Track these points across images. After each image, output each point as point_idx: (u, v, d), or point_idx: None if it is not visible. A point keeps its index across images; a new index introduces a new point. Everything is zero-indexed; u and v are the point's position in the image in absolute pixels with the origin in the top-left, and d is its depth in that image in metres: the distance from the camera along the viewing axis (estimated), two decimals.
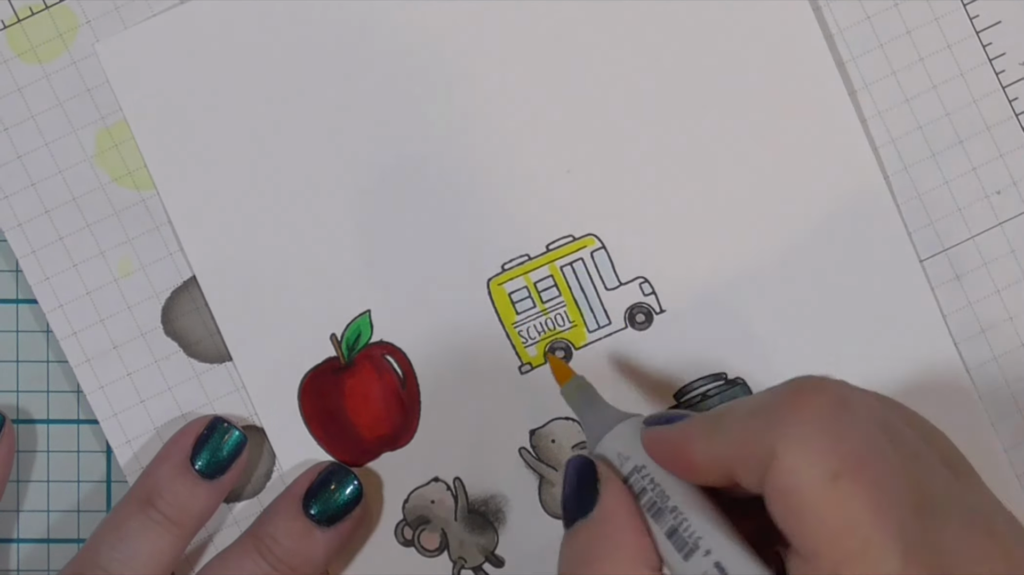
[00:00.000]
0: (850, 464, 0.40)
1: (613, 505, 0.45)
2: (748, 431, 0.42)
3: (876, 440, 0.41)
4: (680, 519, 0.43)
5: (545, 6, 0.53)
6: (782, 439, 0.40)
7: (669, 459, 0.44)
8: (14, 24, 0.54)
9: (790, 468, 0.40)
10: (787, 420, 0.41)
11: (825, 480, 0.40)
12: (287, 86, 0.53)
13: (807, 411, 0.41)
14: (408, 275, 0.53)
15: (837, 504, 0.39)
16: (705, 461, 0.43)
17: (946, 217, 0.53)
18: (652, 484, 0.44)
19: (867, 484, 0.40)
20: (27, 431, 0.55)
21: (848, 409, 0.41)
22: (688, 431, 0.44)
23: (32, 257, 0.54)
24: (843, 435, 0.40)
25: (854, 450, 0.40)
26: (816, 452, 0.40)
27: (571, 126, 0.53)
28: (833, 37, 0.53)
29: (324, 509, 0.51)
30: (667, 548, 0.43)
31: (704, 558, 0.42)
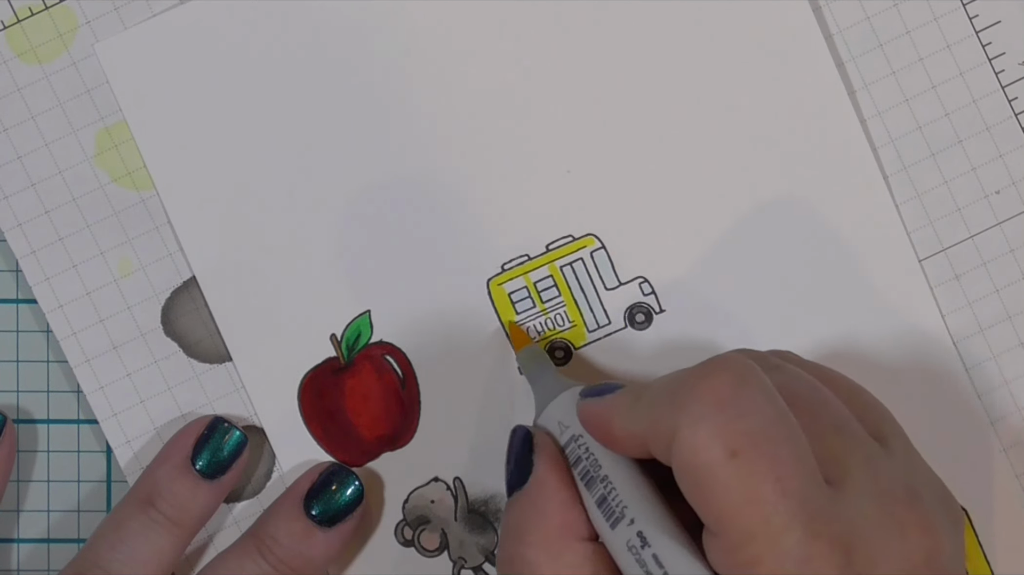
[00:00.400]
0: (748, 440, 0.40)
1: (545, 475, 0.46)
2: (657, 408, 0.42)
3: (779, 414, 0.41)
4: (609, 488, 0.44)
5: (545, 6, 0.53)
6: (683, 418, 0.41)
7: (595, 430, 0.45)
8: (14, 24, 0.54)
9: (690, 447, 0.41)
10: (689, 398, 0.41)
11: (724, 457, 0.40)
12: (287, 86, 0.53)
13: (708, 389, 0.41)
14: (408, 275, 0.53)
15: (736, 481, 0.40)
16: (623, 435, 0.44)
17: (945, 217, 0.53)
18: (587, 453, 0.45)
19: (766, 459, 0.40)
20: (27, 431, 0.55)
21: (750, 384, 0.41)
22: (612, 404, 0.45)
23: (32, 257, 0.54)
24: (743, 412, 0.41)
25: (753, 426, 0.40)
26: (714, 430, 0.40)
27: (571, 126, 0.53)
28: (833, 37, 0.53)
29: (325, 510, 0.52)
30: (597, 516, 0.44)
31: (628, 527, 0.43)
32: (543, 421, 0.48)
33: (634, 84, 0.53)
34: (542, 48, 0.53)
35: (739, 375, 0.42)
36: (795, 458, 0.40)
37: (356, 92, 0.53)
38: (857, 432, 0.43)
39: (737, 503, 0.40)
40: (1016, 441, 0.53)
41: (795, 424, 0.41)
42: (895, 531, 0.40)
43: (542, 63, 0.53)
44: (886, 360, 0.53)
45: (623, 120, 0.53)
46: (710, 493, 0.40)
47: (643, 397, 0.43)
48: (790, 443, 0.41)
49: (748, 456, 0.40)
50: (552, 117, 0.53)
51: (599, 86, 0.53)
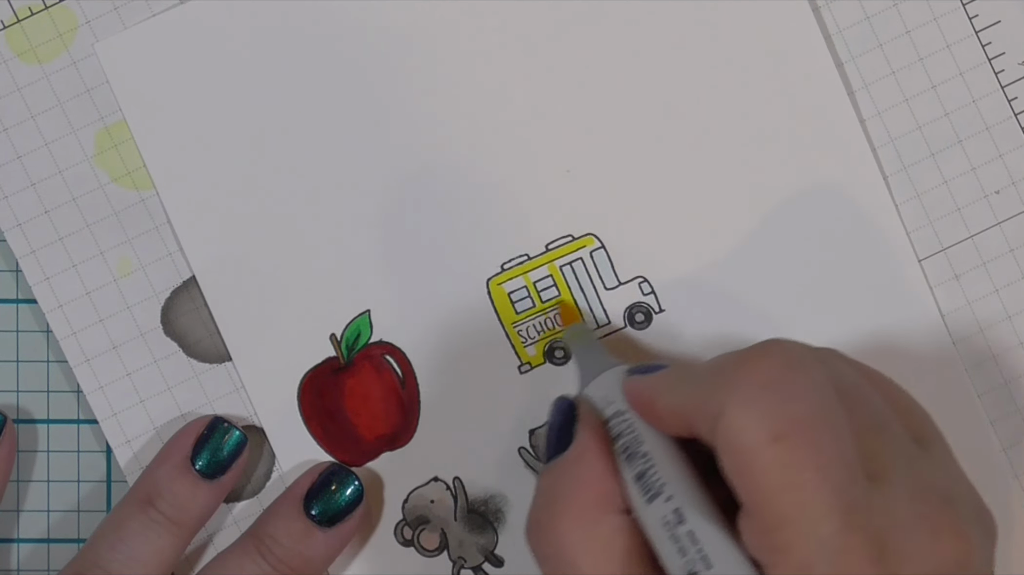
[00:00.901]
0: (794, 426, 0.40)
1: (587, 445, 0.46)
2: (705, 387, 0.42)
3: (826, 403, 0.41)
4: (649, 464, 0.44)
5: (545, 6, 0.53)
6: (731, 397, 0.41)
7: (640, 406, 0.45)
8: (14, 24, 0.54)
9: (735, 426, 0.40)
10: (738, 379, 0.41)
11: (768, 440, 0.40)
12: (286, 86, 0.53)
13: (758, 371, 0.41)
14: (408, 275, 0.53)
15: (778, 465, 0.40)
16: (667, 412, 0.44)
17: (945, 217, 0.53)
18: (629, 429, 0.45)
19: (810, 447, 0.40)
20: (27, 431, 0.55)
21: (801, 370, 0.42)
22: (658, 382, 0.45)
23: (32, 257, 0.54)
24: (791, 396, 0.41)
25: (800, 412, 0.40)
26: (761, 412, 0.40)
27: (570, 126, 0.53)
28: (832, 37, 0.53)
29: (325, 510, 0.52)
30: (634, 491, 0.44)
31: (665, 503, 0.43)
32: (588, 394, 0.48)
33: (634, 84, 0.53)
34: (542, 48, 0.53)
35: (790, 360, 0.42)
36: (838, 449, 0.40)
37: (356, 92, 0.53)
38: (898, 432, 0.43)
39: (776, 487, 0.40)
40: (1016, 441, 0.53)
41: (841, 415, 0.41)
42: (929, 533, 0.40)
43: (542, 63, 0.53)
44: (886, 360, 0.53)
45: (623, 120, 0.53)
46: (750, 474, 0.40)
47: (690, 375, 0.44)
48: (835, 433, 0.40)
49: (792, 442, 0.40)
50: (552, 117, 0.53)
51: (599, 86, 0.53)
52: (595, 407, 0.47)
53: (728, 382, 0.41)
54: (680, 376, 0.44)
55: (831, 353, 0.46)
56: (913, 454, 0.43)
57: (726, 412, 0.41)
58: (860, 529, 0.39)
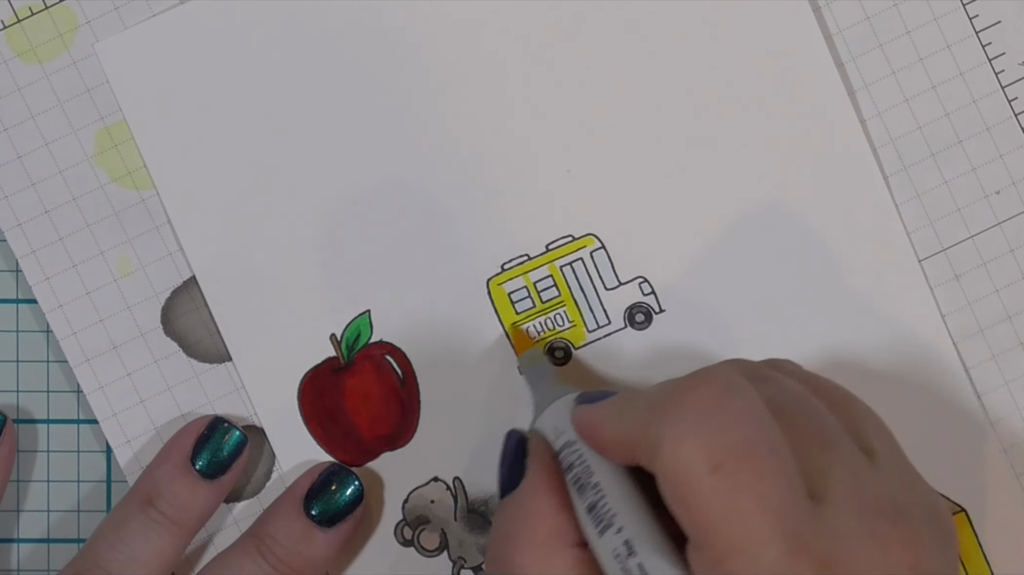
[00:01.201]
0: (731, 454, 0.40)
1: (537, 479, 0.46)
2: (644, 417, 0.42)
3: (763, 428, 0.41)
4: (599, 495, 0.44)
5: (545, 6, 0.53)
6: (668, 428, 0.41)
7: (587, 437, 0.45)
8: (14, 24, 0.54)
9: (673, 457, 0.40)
10: (674, 409, 0.41)
11: (706, 471, 0.40)
12: (287, 86, 0.53)
13: (693, 401, 0.41)
14: (408, 275, 0.53)
15: (718, 495, 0.40)
16: (612, 442, 0.44)
17: (945, 217, 0.53)
18: (580, 460, 0.45)
19: (749, 474, 0.40)
20: (27, 431, 0.55)
21: (735, 397, 0.41)
22: (603, 410, 0.44)
23: (32, 257, 0.54)
24: (726, 426, 0.40)
25: (736, 440, 0.40)
26: (696, 443, 0.40)
27: (571, 126, 0.53)
28: (833, 37, 0.53)
29: (325, 510, 0.52)
30: (586, 523, 0.44)
31: (615, 535, 0.42)
32: (539, 426, 0.48)
33: (634, 84, 0.53)
34: (542, 48, 0.53)
35: (725, 388, 0.41)
36: (777, 473, 0.40)
37: (356, 92, 0.53)
38: (844, 445, 0.42)
39: (718, 517, 0.39)
40: (1016, 441, 0.53)
41: (779, 438, 0.41)
42: (877, 547, 0.40)
43: (542, 63, 0.53)
44: (885, 360, 0.53)
45: (623, 120, 0.53)
46: (692, 506, 0.40)
47: (632, 405, 0.43)
48: (773, 458, 0.40)
49: (730, 470, 0.40)
50: (552, 117, 0.53)
51: (599, 86, 0.53)
52: (547, 438, 0.47)
53: (664, 413, 0.41)
54: (623, 406, 0.44)
55: (776, 365, 0.46)
56: (860, 467, 0.42)
57: (663, 443, 0.41)
58: (805, 552, 0.39)
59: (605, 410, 0.44)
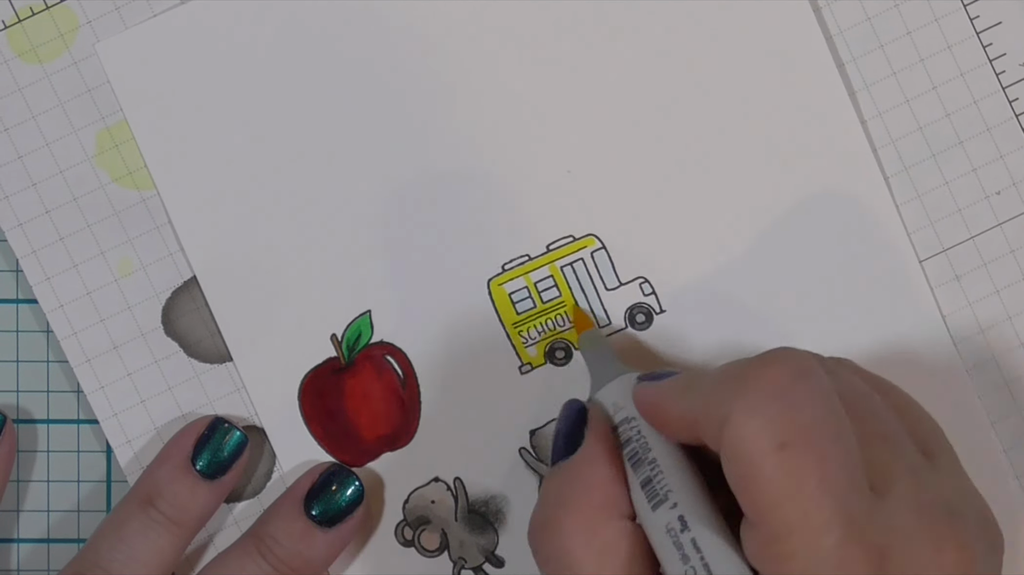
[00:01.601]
0: (800, 435, 0.40)
1: (595, 449, 0.46)
2: (711, 394, 0.42)
3: (832, 413, 0.41)
4: (656, 471, 0.44)
5: (545, 7, 0.53)
6: (736, 405, 0.41)
7: (648, 413, 0.45)
8: (15, 24, 0.54)
9: (740, 434, 0.40)
10: (745, 386, 0.41)
11: (772, 448, 0.40)
12: (287, 86, 0.53)
13: (765, 379, 0.41)
14: (408, 275, 0.53)
15: (782, 474, 0.40)
16: (675, 418, 0.44)
17: (946, 218, 0.53)
18: (638, 435, 0.45)
19: (814, 456, 0.40)
20: (27, 431, 0.55)
21: (808, 380, 0.41)
22: (667, 388, 0.45)
23: (33, 257, 0.54)
24: (797, 405, 0.41)
25: (806, 421, 0.40)
26: (766, 420, 0.40)
27: (571, 126, 0.53)
28: (833, 38, 0.53)
29: (325, 510, 0.52)
30: (639, 497, 0.44)
31: (670, 510, 0.43)
32: (600, 398, 0.48)
33: (635, 85, 0.53)
34: (543, 49, 0.53)
35: (798, 368, 0.42)
36: (843, 459, 0.40)
37: (356, 93, 0.53)
38: (905, 444, 0.43)
39: (779, 496, 0.40)
40: (1016, 442, 0.53)
41: (847, 426, 0.41)
42: (931, 545, 0.40)
43: (542, 63, 0.53)
44: (886, 360, 0.53)
45: (623, 120, 0.53)
46: (754, 482, 0.40)
47: (698, 382, 0.44)
48: (840, 443, 0.40)
49: (797, 450, 0.40)
50: (553, 117, 0.53)
51: (599, 86, 0.53)
52: (604, 412, 0.47)
53: (734, 390, 0.41)
54: (688, 383, 0.44)
55: (840, 363, 0.46)
56: (919, 466, 0.42)
57: (731, 419, 0.41)
58: (861, 540, 0.39)
59: (669, 387, 0.45)
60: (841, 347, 0.53)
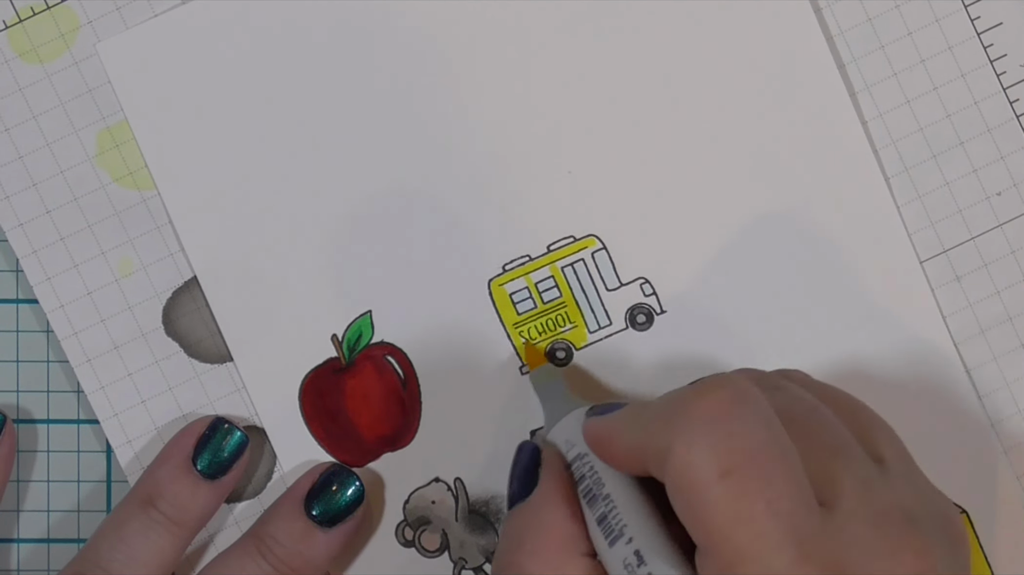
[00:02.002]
0: (741, 460, 0.40)
1: (550, 490, 0.46)
2: (654, 425, 0.42)
3: (773, 435, 0.41)
4: (610, 506, 0.44)
5: (545, 7, 0.53)
6: (677, 435, 0.41)
7: (598, 448, 0.45)
8: (15, 24, 0.54)
9: (682, 464, 0.40)
10: (684, 417, 0.41)
11: (715, 477, 0.40)
12: (288, 86, 0.53)
13: (703, 408, 0.41)
14: (409, 276, 0.53)
15: (727, 501, 0.40)
16: (622, 452, 0.44)
17: (947, 218, 0.54)
18: (591, 471, 0.46)
19: (758, 480, 0.40)
20: (27, 431, 0.55)
21: (745, 404, 0.41)
22: (614, 422, 0.45)
23: (33, 257, 0.54)
24: (736, 432, 0.40)
25: (746, 446, 0.40)
26: (706, 448, 0.40)
27: (572, 127, 0.53)
28: (834, 38, 0.53)
29: (326, 510, 0.52)
30: (596, 534, 0.44)
31: (626, 546, 0.43)
32: (551, 438, 0.48)
33: (635, 85, 0.53)
34: (543, 49, 0.53)
35: (735, 395, 0.41)
36: (787, 479, 0.40)
37: (358, 93, 0.53)
38: (855, 453, 0.43)
39: (727, 523, 0.39)
40: (1017, 442, 0.53)
41: (790, 445, 0.41)
42: (887, 555, 0.40)
43: (543, 64, 0.53)
44: (886, 361, 0.53)
45: (624, 121, 0.53)
46: (701, 512, 0.40)
47: (642, 414, 0.43)
48: (783, 464, 0.40)
49: (740, 476, 0.40)
50: (553, 118, 0.53)
51: (600, 87, 0.53)
52: (558, 451, 0.48)
53: (675, 420, 0.41)
54: (633, 416, 0.44)
55: (787, 375, 0.46)
56: (871, 475, 0.42)
57: (672, 451, 0.41)
58: (815, 558, 0.39)
59: (615, 421, 0.44)
60: (841, 347, 0.53)
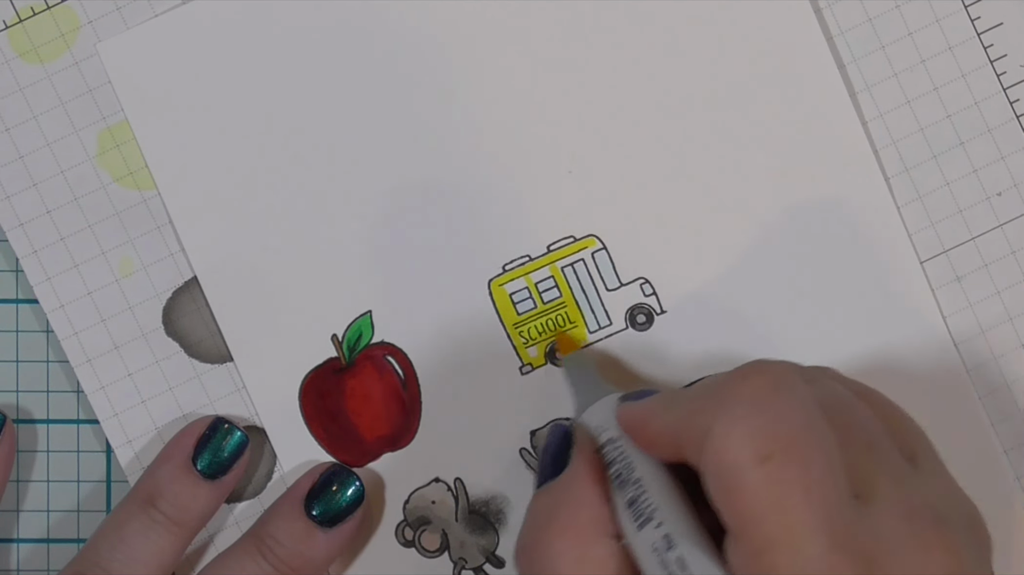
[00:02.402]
0: (781, 446, 0.40)
1: (581, 470, 0.46)
2: (691, 410, 0.42)
3: (814, 423, 0.41)
4: (640, 490, 0.44)
5: (546, 7, 0.53)
6: (717, 419, 0.41)
7: (632, 431, 0.45)
8: (16, 24, 0.54)
9: (721, 447, 0.40)
10: (724, 400, 0.41)
11: (754, 461, 0.40)
12: (289, 87, 0.53)
13: (744, 391, 0.41)
14: (409, 276, 0.53)
15: (764, 486, 0.40)
16: (658, 435, 0.44)
17: (947, 219, 0.54)
18: (622, 456, 0.45)
19: (797, 467, 0.40)
20: (27, 431, 0.55)
21: (787, 391, 0.41)
22: (649, 406, 0.45)
23: (34, 257, 0.54)
24: (778, 417, 0.40)
25: (787, 432, 0.40)
26: (747, 432, 0.40)
27: (572, 127, 0.53)
28: (834, 39, 0.53)
29: (326, 510, 0.52)
30: (625, 517, 0.44)
31: (655, 529, 0.43)
32: (584, 420, 0.48)
33: (636, 86, 0.53)
34: (544, 49, 0.53)
35: (778, 380, 0.42)
36: (826, 469, 0.40)
37: (359, 93, 0.53)
38: (889, 450, 0.43)
39: (762, 508, 0.39)
40: (1017, 443, 0.53)
41: (829, 435, 0.41)
42: (919, 551, 0.40)
43: (544, 64, 0.53)
44: (887, 361, 0.53)
45: (624, 121, 0.53)
46: (737, 496, 0.40)
47: (679, 399, 0.44)
48: (822, 453, 0.40)
49: (779, 462, 0.40)
50: (553, 118, 0.53)
51: (600, 87, 0.53)
52: (590, 434, 0.48)
53: (714, 404, 0.41)
54: (670, 400, 0.44)
55: (821, 371, 0.46)
56: (903, 472, 0.42)
57: (712, 433, 0.41)
58: (847, 549, 0.39)
59: (652, 405, 0.45)
60: (841, 347, 0.53)
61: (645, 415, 0.45)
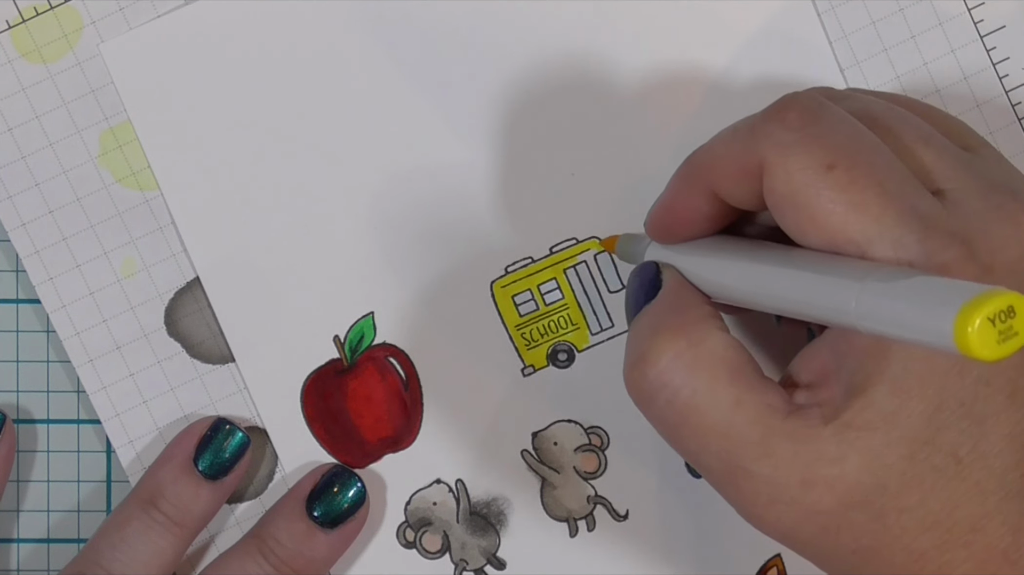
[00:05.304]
0: (841, 153, 0.40)
1: (676, 281, 0.45)
2: (733, 147, 0.42)
3: (860, 131, 0.41)
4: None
5: (547, 7, 0.53)
6: (769, 146, 0.41)
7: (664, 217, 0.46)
8: (19, 24, 0.54)
9: (784, 171, 0.40)
10: (771, 127, 0.41)
11: (821, 172, 0.40)
12: (291, 87, 0.53)
13: (790, 116, 0.41)
14: (411, 277, 0.53)
15: (839, 190, 0.39)
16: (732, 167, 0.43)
17: None
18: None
19: (864, 167, 0.40)
20: (27, 431, 0.55)
21: (826, 110, 0.41)
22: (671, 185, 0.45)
23: (36, 257, 0.54)
24: (828, 131, 0.40)
25: (840, 142, 0.40)
26: (804, 150, 0.40)
27: (574, 129, 0.53)
28: (837, 42, 0.53)
29: (327, 511, 0.52)
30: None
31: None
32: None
33: (637, 86, 0.53)
34: (544, 50, 0.53)
35: (809, 104, 0.41)
36: (891, 165, 0.40)
37: (360, 93, 0.53)
38: (943, 141, 0.42)
39: (844, 211, 0.39)
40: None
41: (878, 140, 0.41)
42: (1008, 221, 0.40)
43: (544, 65, 0.53)
44: None
45: (626, 123, 0.53)
46: (815, 209, 0.40)
47: (698, 153, 0.44)
48: (880, 154, 0.40)
49: (845, 166, 0.39)
50: (556, 119, 0.53)
51: (602, 88, 0.53)
52: None
53: (762, 133, 0.41)
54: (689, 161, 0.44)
55: (853, 89, 0.46)
56: (966, 159, 0.42)
57: (768, 161, 0.40)
58: (939, 231, 0.39)
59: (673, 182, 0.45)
60: None
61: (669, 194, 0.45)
